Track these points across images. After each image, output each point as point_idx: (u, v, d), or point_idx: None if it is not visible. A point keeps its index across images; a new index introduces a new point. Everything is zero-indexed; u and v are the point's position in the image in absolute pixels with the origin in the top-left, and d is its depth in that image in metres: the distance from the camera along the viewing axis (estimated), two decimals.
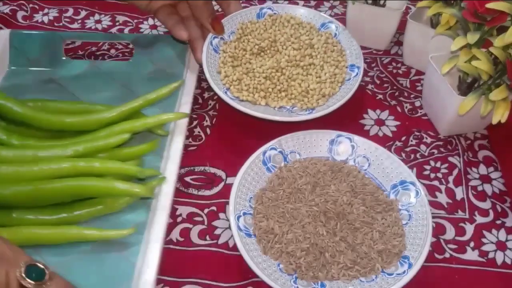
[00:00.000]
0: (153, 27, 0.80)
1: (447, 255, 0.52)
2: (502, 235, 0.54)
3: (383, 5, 0.71)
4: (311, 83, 0.63)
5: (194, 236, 0.54)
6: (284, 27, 0.69)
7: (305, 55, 0.66)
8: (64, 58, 0.70)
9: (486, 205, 0.57)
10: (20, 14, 0.81)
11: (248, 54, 0.67)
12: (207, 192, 0.58)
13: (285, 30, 0.69)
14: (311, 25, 0.70)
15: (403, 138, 0.64)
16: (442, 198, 0.57)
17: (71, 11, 0.83)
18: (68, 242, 0.50)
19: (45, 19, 0.81)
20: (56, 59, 0.70)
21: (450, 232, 0.54)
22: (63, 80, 0.68)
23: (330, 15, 0.82)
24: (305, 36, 0.68)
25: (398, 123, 0.66)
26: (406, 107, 0.68)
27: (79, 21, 0.81)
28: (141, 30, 0.80)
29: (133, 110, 0.59)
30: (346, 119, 0.64)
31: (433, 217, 0.54)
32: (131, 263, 0.49)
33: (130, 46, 0.74)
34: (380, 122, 0.66)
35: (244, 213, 0.53)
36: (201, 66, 0.67)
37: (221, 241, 0.53)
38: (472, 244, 0.53)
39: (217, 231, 0.54)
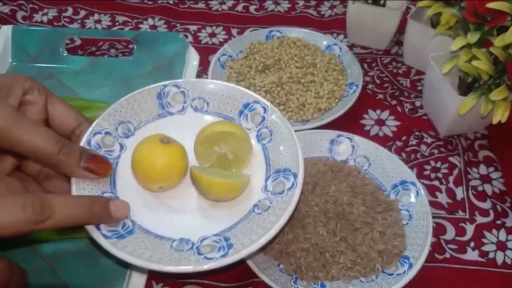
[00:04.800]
0: (153, 27, 0.80)
1: (447, 255, 0.52)
2: (502, 235, 0.54)
3: (383, 5, 0.71)
4: (309, 97, 0.65)
5: None
6: (290, 48, 0.72)
7: (307, 73, 0.68)
8: (65, 54, 0.71)
9: (486, 205, 0.57)
10: (19, 14, 0.81)
11: (253, 71, 0.69)
12: None
13: (290, 51, 0.71)
14: (316, 47, 0.72)
15: (404, 138, 0.64)
16: (443, 198, 0.57)
17: (70, 11, 0.83)
18: (63, 238, 0.51)
19: (45, 18, 0.81)
20: (57, 55, 0.70)
21: (451, 232, 0.54)
22: (63, 76, 0.68)
23: (330, 15, 0.83)
24: (309, 56, 0.70)
25: (398, 123, 0.65)
26: (407, 107, 0.67)
27: (79, 21, 0.81)
28: (141, 29, 0.80)
29: None
30: (346, 119, 0.64)
31: (433, 217, 0.54)
32: (124, 266, 0.49)
33: (130, 46, 0.75)
34: (380, 122, 0.66)
35: None
36: None
37: None
38: (472, 244, 0.53)
39: None
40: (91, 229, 0.41)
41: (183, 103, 0.51)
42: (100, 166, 0.43)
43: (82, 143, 0.46)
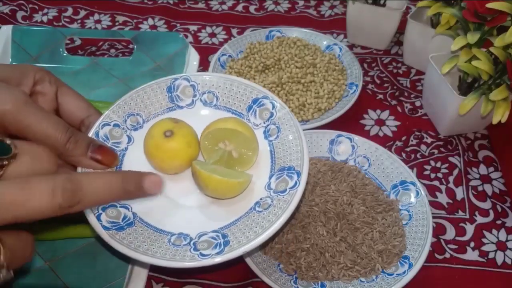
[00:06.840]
0: (153, 27, 0.80)
1: (447, 255, 0.52)
2: (502, 235, 0.54)
3: (383, 5, 0.71)
4: (309, 98, 0.65)
5: None
6: (290, 48, 0.72)
7: (307, 73, 0.68)
8: (65, 54, 0.71)
9: (486, 205, 0.57)
10: (19, 14, 0.81)
11: (253, 71, 0.69)
12: None
13: (290, 51, 0.71)
14: (316, 47, 0.72)
15: (404, 138, 0.64)
16: (443, 198, 0.57)
17: (70, 11, 0.83)
18: (63, 238, 0.51)
19: (45, 18, 0.81)
20: (57, 55, 0.70)
21: (451, 232, 0.54)
22: (63, 76, 0.67)
23: (330, 15, 0.83)
24: (309, 56, 0.70)
25: (398, 123, 0.65)
26: (407, 107, 0.67)
27: (79, 21, 0.81)
28: (141, 29, 0.80)
29: None
30: (346, 119, 0.64)
31: (433, 217, 0.54)
32: (125, 259, 0.49)
33: (130, 46, 0.75)
34: (380, 122, 0.66)
35: None
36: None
37: None
38: (472, 244, 0.53)
39: None
40: (93, 220, 0.41)
41: (192, 97, 0.51)
42: (106, 156, 0.43)
43: (91, 134, 0.46)
